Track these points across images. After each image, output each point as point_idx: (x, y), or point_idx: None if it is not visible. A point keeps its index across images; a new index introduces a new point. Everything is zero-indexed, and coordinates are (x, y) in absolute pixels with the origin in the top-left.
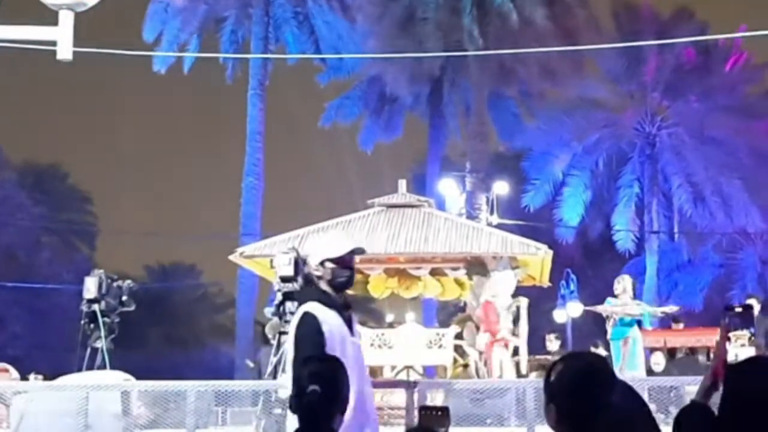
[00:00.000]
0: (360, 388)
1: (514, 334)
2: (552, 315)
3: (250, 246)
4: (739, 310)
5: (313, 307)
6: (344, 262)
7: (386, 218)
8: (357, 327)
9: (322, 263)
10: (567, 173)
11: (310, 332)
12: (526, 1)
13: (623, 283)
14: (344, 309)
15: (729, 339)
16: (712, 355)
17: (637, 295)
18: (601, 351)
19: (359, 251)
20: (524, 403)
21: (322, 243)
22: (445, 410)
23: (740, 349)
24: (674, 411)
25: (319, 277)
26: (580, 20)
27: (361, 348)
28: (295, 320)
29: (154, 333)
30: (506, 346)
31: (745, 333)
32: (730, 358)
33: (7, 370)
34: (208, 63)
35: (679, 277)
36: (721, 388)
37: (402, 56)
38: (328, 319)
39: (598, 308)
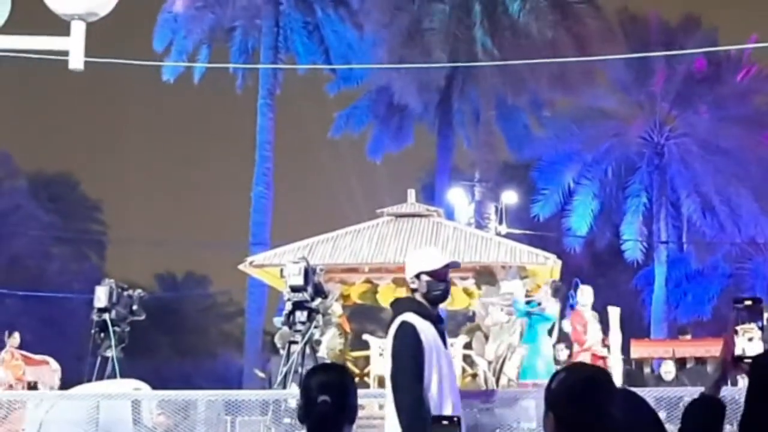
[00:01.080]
0: (455, 400)
1: (605, 344)
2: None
3: (259, 255)
4: (748, 303)
5: (411, 317)
6: (439, 276)
7: (395, 228)
8: (449, 339)
9: (417, 276)
10: (576, 183)
11: (409, 342)
12: (535, 11)
13: (543, 287)
14: (438, 322)
15: (737, 332)
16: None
17: (645, 305)
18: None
19: (454, 265)
20: (537, 412)
21: (417, 256)
22: (456, 419)
23: (748, 343)
24: None
25: (414, 290)
26: (589, 30)
27: (453, 361)
28: (392, 330)
29: (164, 342)
30: (596, 357)
31: (753, 327)
32: (738, 351)
33: (47, 362)
34: (218, 72)
35: (687, 287)
36: (729, 382)
37: (412, 66)
38: (425, 329)
39: (492, 299)
